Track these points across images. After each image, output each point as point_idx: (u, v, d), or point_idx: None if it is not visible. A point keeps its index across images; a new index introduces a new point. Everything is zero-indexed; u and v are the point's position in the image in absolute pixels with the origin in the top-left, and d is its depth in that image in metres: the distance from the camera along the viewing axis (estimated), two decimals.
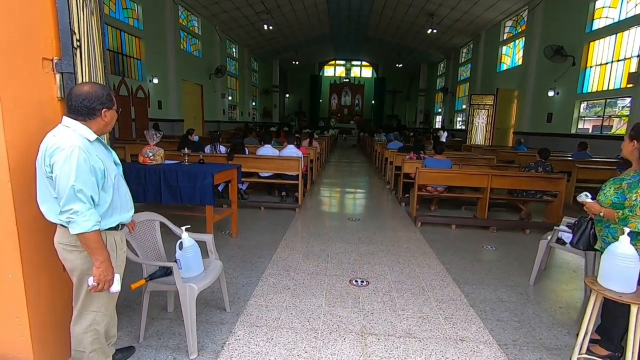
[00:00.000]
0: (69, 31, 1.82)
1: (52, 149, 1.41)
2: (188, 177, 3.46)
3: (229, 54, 19.94)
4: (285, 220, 4.95)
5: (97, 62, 2.81)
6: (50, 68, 1.80)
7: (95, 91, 1.52)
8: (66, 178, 1.39)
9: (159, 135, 3.70)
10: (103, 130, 1.61)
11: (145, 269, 2.21)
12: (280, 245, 3.95)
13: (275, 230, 4.50)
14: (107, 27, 10.01)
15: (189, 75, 14.75)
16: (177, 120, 13.67)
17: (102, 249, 1.50)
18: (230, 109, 20.47)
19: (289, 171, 5.50)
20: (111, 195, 1.57)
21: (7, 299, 1.69)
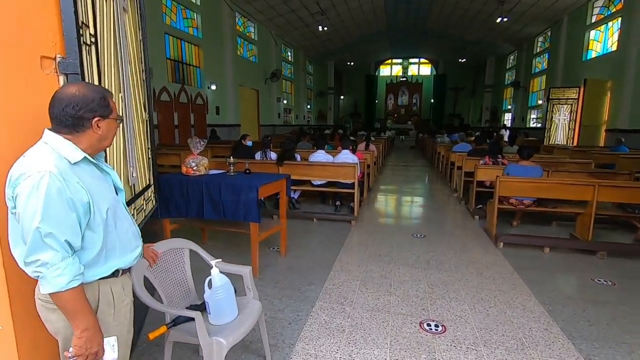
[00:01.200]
0: (73, 22, 1.47)
1: (16, 175, 1.03)
2: (232, 190, 3.09)
3: (284, 58, 20.03)
4: (339, 235, 4.42)
5: (131, 66, 2.54)
6: (52, 69, 1.46)
7: (83, 94, 1.12)
8: (30, 217, 1.00)
9: (202, 144, 3.40)
10: (98, 146, 1.21)
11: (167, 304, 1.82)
12: (335, 268, 3.43)
13: (328, 248, 3.99)
14: (168, 36, 10.38)
15: (245, 80, 14.94)
16: (233, 125, 13.88)
17: (83, 313, 1.09)
18: (285, 113, 20.56)
19: (344, 179, 4.97)
20: (102, 235, 1.16)
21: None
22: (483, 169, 5.20)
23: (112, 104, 1.22)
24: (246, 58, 15.49)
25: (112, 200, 1.21)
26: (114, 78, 2.02)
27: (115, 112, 1.24)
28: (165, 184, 3.28)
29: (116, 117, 1.24)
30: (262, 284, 3.09)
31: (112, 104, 1.22)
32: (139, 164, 2.62)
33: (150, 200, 2.99)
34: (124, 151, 2.20)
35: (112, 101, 1.22)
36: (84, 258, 1.14)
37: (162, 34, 10.06)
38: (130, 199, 2.31)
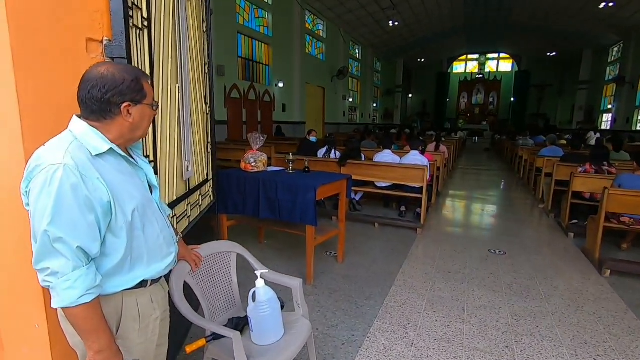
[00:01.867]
0: (121, 2, 1.35)
1: (31, 167, 0.89)
2: (289, 190, 2.90)
3: (352, 56, 19.74)
4: (403, 244, 4.01)
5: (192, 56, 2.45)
6: (98, 52, 1.36)
7: (112, 75, 0.96)
8: (40, 218, 0.85)
9: (262, 139, 3.27)
10: (129, 136, 1.04)
11: (209, 316, 1.65)
12: (397, 282, 3.06)
13: (390, 258, 3.62)
14: (241, 36, 10.73)
15: (312, 78, 14.97)
16: (299, 123, 13.99)
17: (97, 332, 0.92)
18: (350, 111, 20.28)
19: (412, 182, 4.53)
20: (125, 240, 0.99)
21: (33, 351, 1.31)
22: (582, 177, 4.36)
23: (147, 88, 1.04)
24: (314, 56, 15.51)
25: (140, 200, 1.03)
26: (170, 67, 1.91)
27: (151, 97, 1.06)
28: (224, 179, 3.21)
29: (151, 102, 1.06)
30: (315, 292, 2.85)
31: (147, 87, 1.04)
32: (196, 157, 2.54)
33: (208, 195, 2.92)
34: (179, 144, 2.10)
35: (147, 84, 1.04)
36: (105, 266, 0.98)
37: (235, 33, 10.42)
38: (183, 194, 2.22)
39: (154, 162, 1.71)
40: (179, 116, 2.08)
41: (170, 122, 1.94)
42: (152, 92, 1.07)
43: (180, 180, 2.15)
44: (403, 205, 5.00)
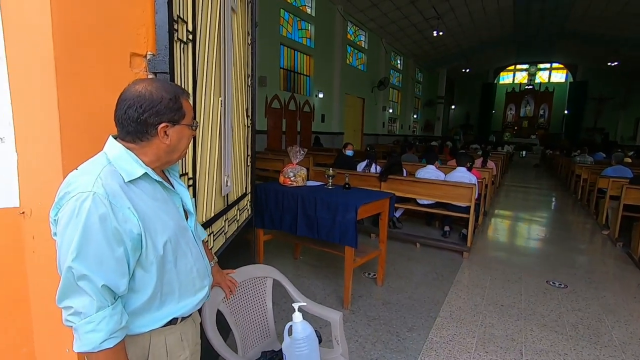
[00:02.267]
0: (166, 15, 1.29)
1: (61, 194, 0.82)
2: (328, 208, 2.76)
3: (394, 66, 19.48)
4: (448, 268, 3.72)
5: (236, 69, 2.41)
6: (142, 67, 1.31)
7: (149, 93, 0.87)
8: (65, 251, 0.78)
9: (302, 153, 3.17)
10: (166, 159, 0.95)
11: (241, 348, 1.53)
12: (442, 312, 2.80)
13: (434, 283, 3.35)
14: (283, 47, 10.90)
15: (352, 88, 14.90)
16: (337, 133, 13.91)
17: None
18: (390, 122, 19.93)
19: (458, 201, 4.22)
20: (155, 275, 0.90)
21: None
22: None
23: (187, 107, 0.95)
24: (355, 66, 15.45)
25: (174, 229, 0.94)
26: (214, 80, 1.86)
27: (190, 116, 0.97)
28: (262, 192, 3.14)
29: (190, 122, 0.97)
30: (353, 318, 2.67)
31: (187, 106, 0.95)
32: (236, 172, 2.48)
33: (246, 209, 2.86)
34: (219, 158, 2.04)
35: (186, 103, 0.95)
36: (133, 303, 0.89)
37: (278, 44, 10.61)
38: (221, 210, 2.15)
39: (193, 179, 1.64)
40: (220, 130, 2.02)
41: (211, 137, 1.88)
42: (191, 111, 0.98)
43: (218, 196, 2.09)
44: (447, 225, 4.68)
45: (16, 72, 1.12)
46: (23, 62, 1.11)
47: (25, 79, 1.11)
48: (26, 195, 1.19)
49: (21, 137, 1.15)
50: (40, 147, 1.13)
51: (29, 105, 1.12)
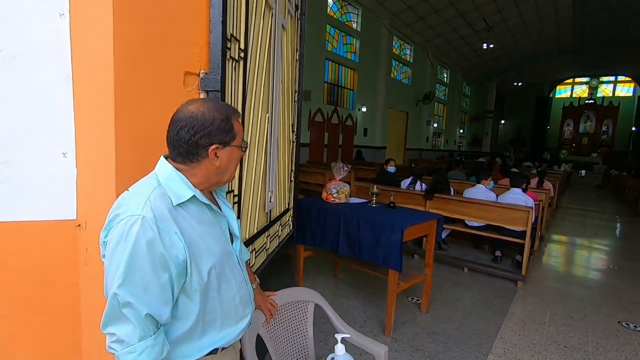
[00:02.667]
0: (220, 34, 1.30)
1: (111, 216, 0.81)
2: (371, 228, 2.65)
3: (439, 80, 19.00)
4: (501, 298, 3.42)
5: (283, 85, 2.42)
6: (195, 85, 1.32)
7: (201, 114, 0.85)
8: (112, 276, 0.76)
9: (346, 170, 3.11)
10: (215, 180, 0.93)
11: None
12: (495, 349, 2.54)
13: (485, 314, 3.08)
14: (328, 62, 11.04)
15: (396, 102, 14.70)
16: (379, 148, 13.73)
17: None
18: (434, 137, 19.35)
19: (513, 225, 3.91)
20: (199, 303, 0.86)
21: None
22: None
23: (237, 128, 0.92)
24: (399, 80, 15.27)
25: (219, 256, 0.90)
26: (262, 97, 1.86)
27: (240, 137, 0.94)
28: (304, 208, 3.10)
29: (240, 144, 0.94)
30: (395, 347, 2.51)
31: (238, 127, 0.92)
32: (279, 187, 2.47)
33: (288, 225, 2.83)
34: (264, 174, 2.03)
35: (237, 123, 0.93)
36: (175, 331, 0.85)
37: (323, 59, 10.76)
38: (264, 226, 2.13)
39: (238, 196, 1.63)
40: (266, 146, 2.02)
41: (257, 153, 1.87)
42: (242, 132, 0.95)
43: (262, 212, 2.07)
44: (499, 250, 4.34)
45: (80, 92, 1.17)
46: (86, 83, 1.15)
47: (87, 99, 1.16)
48: (83, 208, 1.22)
49: (81, 154, 1.20)
50: (97, 163, 1.16)
51: (89, 124, 1.16)
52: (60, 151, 1.19)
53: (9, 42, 1.11)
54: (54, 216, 1.20)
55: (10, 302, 1.18)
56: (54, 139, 1.18)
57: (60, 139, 1.19)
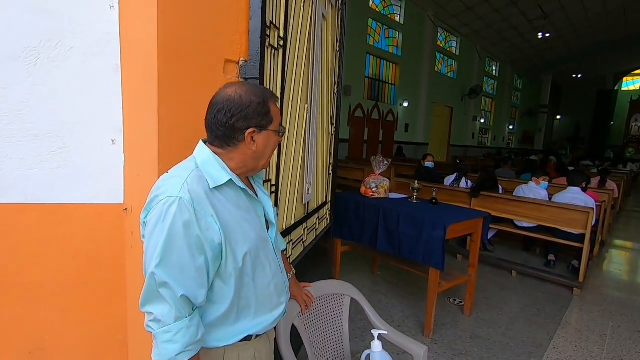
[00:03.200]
0: (259, 21, 1.29)
1: (151, 197, 0.83)
2: (412, 224, 2.55)
3: (488, 73, 17.99)
4: (553, 305, 3.16)
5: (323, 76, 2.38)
6: (235, 73, 1.32)
7: (239, 97, 0.84)
8: (150, 256, 0.77)
9: (386, 164, 3.02)
10: (252, 165, 0.92)
11: None
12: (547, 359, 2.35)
13: (535, 321, 2.86)
14: (370, 56, 10.85)
15: (439, 97, 14.14)
16: (421, 144, 13.30)
17: None
18: (480, 133, 18.40)
19: (569, 227, 3.59)
20: (233, 288, 0.85)
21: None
22: None
23: (275, 112, 0.90)
24: (444, 74, 14.66)
25: (255, 241, 0.89)
26: (301, 87, 1.84)
27: (278, 122, 0.92)
28: (342, 202, 3.06)
29: (277, 128, 0.92)
30: (435, 349, 2.40)
31: (275, 111, 0.90)
32: (317, 180, 2.44)
33: (325, 218, 2.81)
34: (302, 166, 2.02)
35: (275, 107, 0.91)
36: (209, 315, 0.86)
37: (365, 54, 10.59)
38: (301, 218, 2.12)
39: (275, 186, 1.62)
40: (304, 137, 2.00)
41: (295, 144, 1.86)
42: (279, 117, 0.93)
43: (299, 204, 2.06)
44: (552, 254, 4.02)
45: (127, 81, 1.21)
46: (133, 72, 1.19)
47: (133, 88, 1.20)
48: (129, 193, 1.28)
49: (128, 141, 1.25)
50: (142, 150, 1.20)
51: (135, 112, 1.21)
52: (110, 138, 1.25)
53: (65, 34, 1.17)
54: (103, 200, 1.26)
55: (66, 280, 1.26)
56: (104, 127, 1.24)
57: (109, 126, 1.24)
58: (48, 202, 1.20)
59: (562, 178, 5.61)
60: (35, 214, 1.20)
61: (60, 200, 1.21)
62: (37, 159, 1.17)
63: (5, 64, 1.11)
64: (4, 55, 1.10)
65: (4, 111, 1.12)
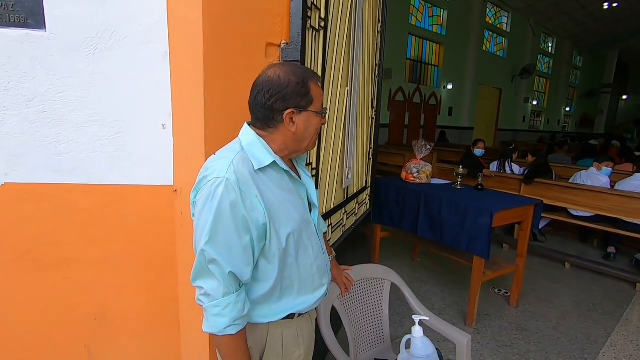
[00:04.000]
0: (301, 4, 1.27)
1: (200, 177, 0.86)
2: (455, 210, 2.46)
3: (543, 50, 16.61)
4: (612, 301, 2.93)
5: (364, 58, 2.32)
6: (276, 56, 1.33)
7: (277, 77, 0.84)
8: (200, 234, 0.81)
9: (428, 148, 2.92)
10: (294, 147, 0.92)
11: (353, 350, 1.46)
12: (603, 357, 2.20)
13: (591, 316, 2.68)
14: (412, 37, 10.42)
15: (487, 78, 13.31)
16: (466, 128, 12.68)
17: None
18: (532, 116, 17.16)
19: (634, 218, 3.28)
20: (277, 267, 0.88)
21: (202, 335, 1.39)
22: None
23: (315, 92, 0.89)
24: (492, 53, 13.74)
25: (298, 222, 0.90)
26: (341, 69, 1.82)
27: (319, 103, 0.90)
28: (382, 187, 3.02)
29: (319, 110, 0.90)
30: (478, 338, 2.34)
31: (315, 91, 0.89)
32: (357, 164, 2.42)
33: (365, 203, 2.79)
34: (342, 150, 2.00)
35: (315, 87, 0.89)
36: (255, 292, 0.89)
37: (406, 34, 10.18)
38: (341, 202, 2.12)
39: (316, 170, 1.63)
40: (345, 121, 1.98)
41: (335, 127, 1.85)
42: (321, 97, 0.91)
43: (339, 188, 2.06)
44: (613, 246, 3.71)
45: (175, 68, 1.26)
46: (180, 59, 1.24)
47: (181, 74, 1.24)
48: (179, 175, 1.34)
49: (177, 125, 1.30)
50: (190, 134, 1.25)
51: (183, 97, 1.25)
52: (160, 123, 1.32)
53: (120, 24, 1.24)
54: (156, 182, 1.34)
55: (124, 255, 1.37)
56: (155, 112, 1.30)
57: (160, 111, 1.30)
58: (108, 183, 1.30)
59: (626, 164, 5.11)
60: (97, 194, 1.30)
61: (118, 181, 1.31)
62: (97, 143, 1.27)
63: (69, 55, 1.19)
64: (67, 46, 1.19)
65: (69, 99, 1.22)
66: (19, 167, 1.23)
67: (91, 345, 1.38)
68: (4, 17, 1.14)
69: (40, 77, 1.19)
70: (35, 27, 1.16)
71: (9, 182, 1.23)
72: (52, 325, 1.34)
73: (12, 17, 1.14)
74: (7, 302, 1.29)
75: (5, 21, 1.14)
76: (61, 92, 1.21)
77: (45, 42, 1.17)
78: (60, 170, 1.26)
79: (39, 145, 1.23)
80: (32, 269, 1.28)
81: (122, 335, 1.40)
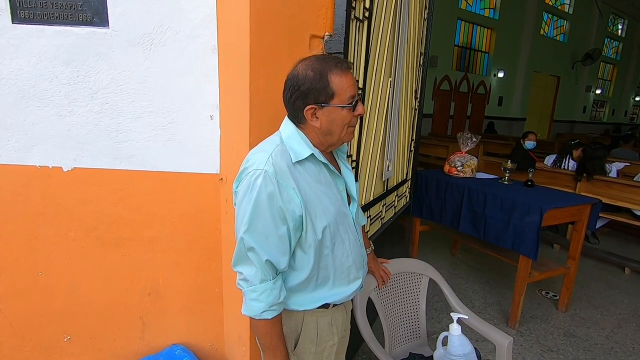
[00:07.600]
0: None
1: (241, 169, 0.90)
2: (501, 206, 2.35)
3: (610, 33, 15.03)
4: None
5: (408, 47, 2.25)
6: (320, 49, 1.33)
7: (297, 73, 0.84)
8: (240, 222, 0.85)
9: (474, 141, 2.80)
10: (327, 141, 0.91)
11: (388, 342, 1.46)
12: None
13: None
14: (461, 22, 9.90)
15: (544, 65, 12.34)
16: (517, 119, 11.91)
17: (274, 350, 0.88)
18: (595, 106, 15.71)
19: None
20: (312, 259, 0.90)
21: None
22: None
23: (337, 84, 0.83)
24: (551, 37, 12.67)
25: (334, 215, 0.91)
26: (385, 60, 1.78)
27: (345, 96, 0.84)
28: (423, 180, 2.95)
29: (343, 103, 0.84)
30: (521, 341, 2.24)
31: (337, 84, 0.83)
32: (398, 156, 2.38)
33: (404, 196, 2.74)
34: (383, 142, 1.98)
35: (338, 79, 0.83)
36: (291, 280, 0.92)
37: (455, 20, 9.67)
38: (380, 194, 2.11)
39: (356, 162, 1.63)
40: (386, 113, 1.95)
41: (377, 119, 1.83)
42: (346, 88, 0.84)
43: (379, 180, 2.05)
44: None
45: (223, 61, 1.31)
46: (227, 53, 1.28)
47: (228, 67, 1.29)
48: (224, 164, 1.41)
49: (224, 116, 1.36)
50: (235, 125, 1.30)
51: (229, 89, 1.30)
52: (208, 114, 1.38)
53: (173, 19, 1.30)
54: (203, 170, 1.41)
55: (175, 237, 1.47)
56: (204, 104, 1.37)
57: (208, 103, 1.37)
58: (161, 170, 1.40)
59: None
60: (152, 180, 1.40)
61: (170, 168, 1.40)
62: (152, 133, 1.36)
63: (128, 49, 1.28)
64: (127, 42, 1.28)
65: (128, 91, 1.31)
66: (85, 153, 1.35)
67: (145, 317, 1.51)
68: (73, 16, 1.24)
69: (104, 71, 1.29)
70: (100, 24, 1.26)
71: (77, 167, 1.36)
72: (112, 298, 1.48)
73: (80, 16, 1.24)
74: (79, 275, 1.44)
75: (75, 20, 1.24)
76: (121, 85, 1.31)
77: (108, 38, 1.27)
78: (120, 157, 1.37)
79: (102, 134, 1.34)
80: (96, 245, 1.42)
81: (172, 310, 1.52)
